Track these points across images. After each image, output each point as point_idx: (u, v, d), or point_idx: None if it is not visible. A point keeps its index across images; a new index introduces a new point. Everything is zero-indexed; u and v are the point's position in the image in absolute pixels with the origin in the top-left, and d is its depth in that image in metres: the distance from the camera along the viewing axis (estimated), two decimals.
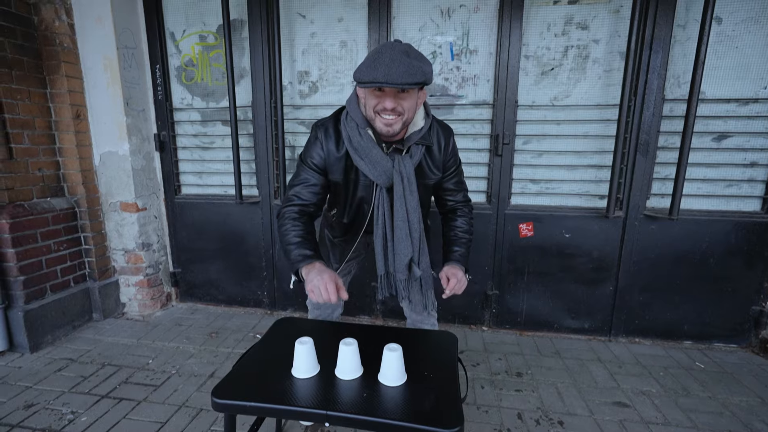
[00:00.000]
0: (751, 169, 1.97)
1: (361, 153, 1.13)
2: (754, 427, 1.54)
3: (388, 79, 0.95)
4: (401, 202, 1.15)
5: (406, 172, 1.13)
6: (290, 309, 2.51)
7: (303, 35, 2.18)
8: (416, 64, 0.98)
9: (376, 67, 0.97)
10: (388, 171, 1.13)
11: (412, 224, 1.18)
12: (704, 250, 2.03)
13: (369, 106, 1.07)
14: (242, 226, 2.43)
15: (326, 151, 1.17)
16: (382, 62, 0.96)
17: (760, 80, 1.88)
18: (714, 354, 2.07)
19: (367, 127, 1.12)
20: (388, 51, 0.98)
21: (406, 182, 1.14)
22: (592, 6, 1.92)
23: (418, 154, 1.16)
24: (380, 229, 1.19)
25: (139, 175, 2.33)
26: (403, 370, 1.00)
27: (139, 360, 1.98)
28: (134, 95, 2.27)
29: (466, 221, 1.31)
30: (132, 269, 2.43)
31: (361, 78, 1.00)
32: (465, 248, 1.27)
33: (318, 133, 1.18)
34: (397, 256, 1.19)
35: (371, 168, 1.13)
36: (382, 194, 1.17)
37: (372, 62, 0.98)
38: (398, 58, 0.96)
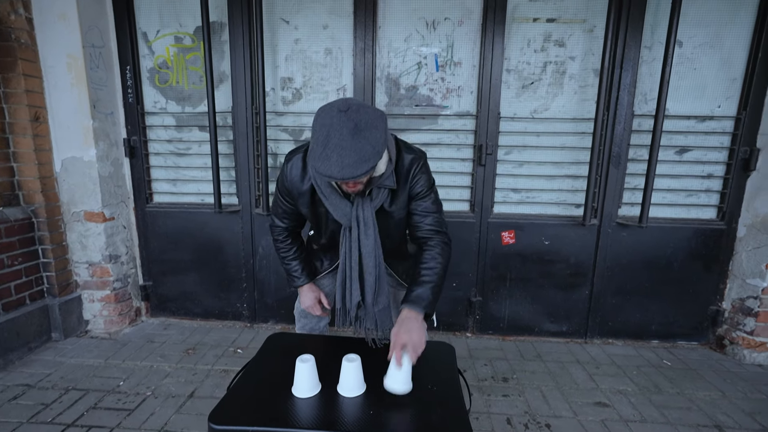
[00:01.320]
0: (708, 181, 2.14)
1: (325, 192, 1.13)
2: (718, 420, 1.66)
3: (344, 176, 0.91)
4: (355, 245, 1.16)
5: (363, 216, 1.13)
6: (271, 321, 2.43)
7: (286, 41, 2.13)
8: (366, 146, 0.90)
9: (329, 160, 0.90)
10: (348, 214, 1.14)
11: (366, 267, 1.19)
12: (669, 255, 2.19)
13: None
14: (221, 235, 2.33)
15: (291, 184, 1.17)
16: (333, 158, 0.90)
17: (715, 99, 2.06)
18: (678, 351, 2.22)
19: None
20: (335, 141, 0.90)
21: (362, 226, 1.14)
22: (569, 25, 2.03)
23: (379, 197, 1.13)
24: (342, 264, 1.22)
25: (106, 182, 2.18)
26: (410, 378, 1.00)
27: (108, 382, 1.83)
28: (102, 97, 2.12)
29: (435, 254, 1.15)
30: (97, 283, 2.26)
31: (317, 169, 0.93)
32: (427, 287, 1.12)
33: (285, 166, 1.18)
34: (348, 296, 1.24)
35: (332, 208, 1.15)
36: (346, 233, 1.18)
37: (323, 151, 0.91)
38: (348, 145, 0.89)
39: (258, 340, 2.24)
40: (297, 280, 1.38)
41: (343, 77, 2.15)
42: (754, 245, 2.06)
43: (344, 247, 1.20)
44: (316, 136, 0.94)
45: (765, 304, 2.03)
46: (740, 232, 2.13)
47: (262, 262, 2.34)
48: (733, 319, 2.17)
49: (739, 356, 2.13)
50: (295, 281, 1.38)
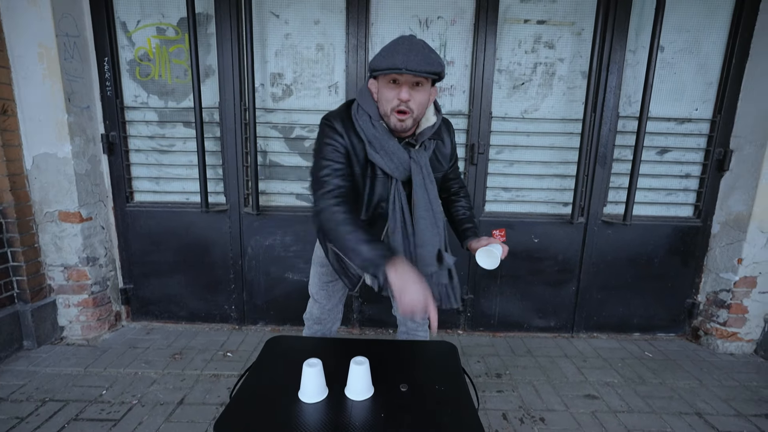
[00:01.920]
0: (686, 180, 2.25)
1: (376, 145, 1.09)
2: (698, 407, 1.75)
3: (407, 65, 0.96)
4: (423, 191, 1.12)
5: (424, 162, 1.13)
6: (261, 323, 2.37)
7: (276, 35, 2.08)
8: (434, 56, 1.00)
9: (395, 55, 0.98)
10: (405, 162, 1.11)
11: (436, 213, 1.16)
12: (650, 251, 2.28)
13: (386, 100, 1.05)
14: (207, 235, 2.25)
15: (347, 139, 1.09)
16: (400, 51, 0.98)
17: (693, 103, 2.16)
18: (658, 343, 2.33)
19: (380, 120, 1.10)
20: (406, 41, 1.00)
21: (425, 171, 1.12)
22: (558, 27, 2.07)
23: (431, 148, 1.17)
24: (399, 223, 1.14)
25: (83, 180, 2.06)
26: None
27: (89, 392, 1.74)
28: (77, 90, 2.00)
29: (467, 201, 1.38)
30: (74, 287, 2.14)
31: (378, 65, 1.01)
32: (474, 225, 1.33)
33: (334, 123, 1.10)
34: (425, 248, 1.14)
35: (387, 160, 1.10)
36: (398, 188, 1.13)
37: (390, 51, 1.00)
38: (416, 48, 0.98)
39: (248, 343, 2.19)
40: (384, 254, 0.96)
41: (336, 74, 2.11)
42: (727, 241, 2.18)
43: (399, 203, 1.12)
44: (382, 50, 1.02)
45: (737, 297, 2.15)
46: (714, 228, 2.25)
47: (252, 262, 2.28)
48: (707, 311, 2.30)
49: (713, 346, 2.25)
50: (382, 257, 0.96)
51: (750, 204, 2.05)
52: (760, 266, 2.11)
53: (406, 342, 1.33)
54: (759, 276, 2.12)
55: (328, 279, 1.38)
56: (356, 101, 1.14)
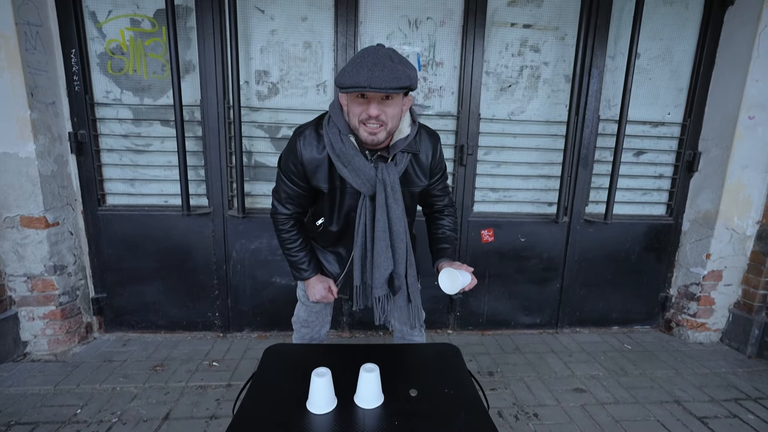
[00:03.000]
0: (659, 180, 2.38)
1: (344, 160, 1.08)
2: (676, 395, 1.86)
3: (371, 83, 0.92)
4: (383, 210, 1.11)
5: (390, 180, 1.09)
6: (247, 329, 2.29)
7: (262, 31, 2.00)
8: (400, 68, 0.94)
9: (359, 72, 0.93)
10: (371, 179, 1.09)
11: (396, 234, 1.15)
12: (627, 248, 2.39)
13: (353, 114, 1.02)
14: (189, 240, 2.14)
15: (305, 159, 1.10)
16: (365, 66, 0.93)
17: (666, 107, 2.28)
18: (635, 335, 2.45)
19: (349, 134, 1.08)
20: (371, 55, 0.95)
21: (390, 190, 1.10)
22: (543, 32, 2.12)
23: (403, 161, 1.13)
24: (360, 238, 1.16)
25: (48, 182, 1.90)
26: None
27: (61, 411, 1.61)
28: (42, 84, 1.84)
29: (452, 221, 1.32)
30: (39, 299, 1.97)
31: (343, 83, 0.96)
32: (453, 246, 1.29)
33: (297, 141, 1.11)
34: (376, 270, 1.16)
35: (354, 176, 1.09)
36: (366, 203, 1.13)
37: (354, 67, 0.94)
38: (382, 63, 0.93)
39: (234, 351, 2.10)
40: (305, 272, 1.27)
41: (324, 72, 2.07)
42: (696, 238, 2.32)
43: (363, 218, 1.14)
44: (347, 65, 0.98)
45: (705, 290, 2.30)
46: (685, 226, 2.39)
47: (237, 267, 2.19)
48: (679, 303, 2.44)
49: (684, 336, 2.40)
50: (303, 273, 1.27)
51: (717, 203, 2.20)
52: (725, 260, 2.26)
53: (408, 345, 1.31)
54: (724, 270, 2.27)
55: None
56: (328, 114, 1.12)
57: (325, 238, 1.29)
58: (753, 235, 2.23)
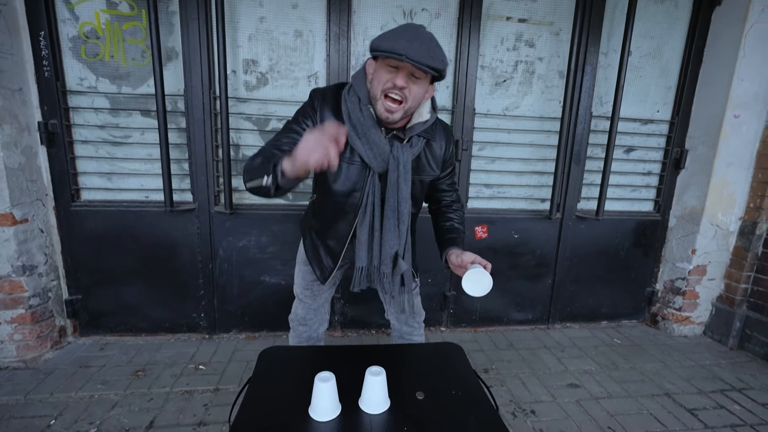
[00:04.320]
0: (648, 177, 2.41)
1: (359, 131, 1.04)
2: (666, 388, 1.89)
3: (408, 53, 0.91)
4: (394, 189, 1.08)
5: (403, 159, 1.07)
6: (234, 330, 2.20)
7: (250, 18, 1.90)
8: (438, 51, 0.95)
9: (397, 40, 0.92)
10: (385, 155, 1.06)
11: (402, 215, 1.11)
12: (617, 244, 2.43)
13: (379, 81, 0.99)
14: (172, 237, 2.03)
15: (320, 118, 1.06)
16: (404, 36, 0.92)
17: (655, 105, 2.31)
18: (623, 330, 2.49)
19: (369, 104, 1.04)
20: (411, 28, 0.95)
21: (402, 169, 1.07)
22: (537, 26, 2.11)
23: (418, 145, 1.11)
24: (368, 216, 1.12)
25: (15, 175, 1.75)
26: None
27: (33, 423, 1.49)
28: (6, 68, 1.69)
29: (460, 216, 1.29)
30: (6, 301, 1.83)
31: (378, 45, 0.95)
32: (461, 238, 1.24)
33: (315, 99, 1.08)
34: (384, 248, 1.13)
35: (367, 149, 1.05)
36: (374, 180, 1.09)
37: (394, 34, 0.94)
38: (421, 38, 0.93)
39: (221, 353, 2.01)
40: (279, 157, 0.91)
41: (315, 63, 1.99)
42: (682, 233, 2.37)
43: (371, 196, 1.09)
44: (387, 32, 0.96)
45: (690, 284, 2.36)
46: (671, 222, 2.44)
47: (223, 265, 2.10)
48: (664, 298, 2.50)
49: (669, 330, 2.45)
50: (277, 158, 0.91)
51: (703, 199, 2.25)
52: (709, 255, 2.32)
53: (409, 346, 1.27)
54: (708, 264, 2.34)
55: (312, 278, 1.31)
56: (350, 82, 1.09)
57: (325, 216, 1.21)
58: (736, 231, 2.30)
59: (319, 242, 1.25)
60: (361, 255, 1.16)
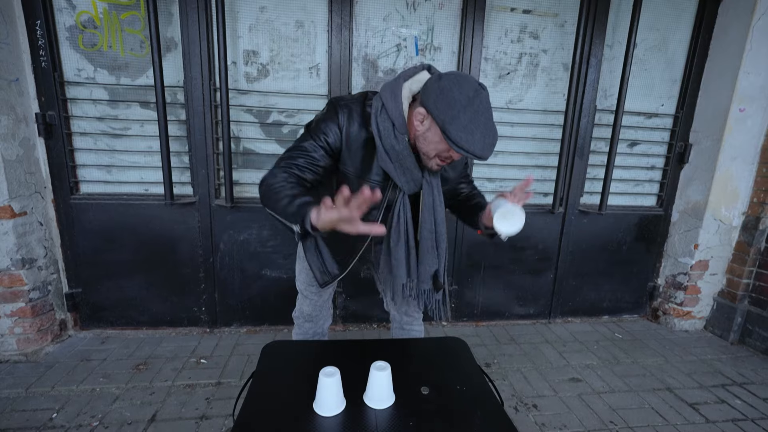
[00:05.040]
0: (651, 172, 2.40)
1: (392, 156, 1.02)
2: (667, 382, 1.89)
3: (484, 155, 0.91)
4: (430, 213, 1.11)
5: (436, 182, 1.10)
6: (235, 324, 2.19)
7: (250, 8, 1.87)
8: (496, 132, 0.94)
9: (473, 134, 0.88)
10: (418, 181, 1.07)
11: (439, 235, 1.15)
12: (619, 239, 2.42)
13: (433, 146, 0.97)
14: (172, 231, 2.01)
15: (346, 134, 1.01)
16: (478, 128, 0.88)
17: (659, 98, 2.29)
18: (624, 324, 2.49)
19: (405, 134, 1.00)
20: (484, 112, 0.90)
21: (436, 192, 1.10)
22: (542, 18, 2.07)
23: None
24: (402, 236, 1.12)
25: (13, 168, 1.73)
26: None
27: (35, 416, 1.49)
28: (2, 58, 1.66)
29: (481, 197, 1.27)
30: (5, 295, 1.82)
31: (455, 138, 0.88)
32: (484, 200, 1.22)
33: (340, 112, 1.00)
34: (422, 267, 1.16)
35: (399, 173, 1.05)
36: (405, 201, 1.10)
37: (470, 124, 0.88)
38: (491, 128, 0.91)
39: (222, 347, 2.01)
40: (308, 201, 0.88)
41: (317, 54, 1.96)
42: (685, 228, 2.36)
43: (403, 217, 1.10)
44: (454, 101, 0.88)
45: (692, 279, 2.35)
46: (674, 217, 2.43)
47: (224, 259, 2.08)
48: (666, 293, 2.49)
49: (670, 324, 2.46)
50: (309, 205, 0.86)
51: (706, 194, 2.24)
52: (712, 250, 2.31)
53: (413, 340, 1.27)
54: (711, 259, 2.33)
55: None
56: (380, 98, 1.01)
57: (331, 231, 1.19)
58: (739, 226, 2.29)
59: (326, 250, 1.23)
60: (400, 273, 1.16)
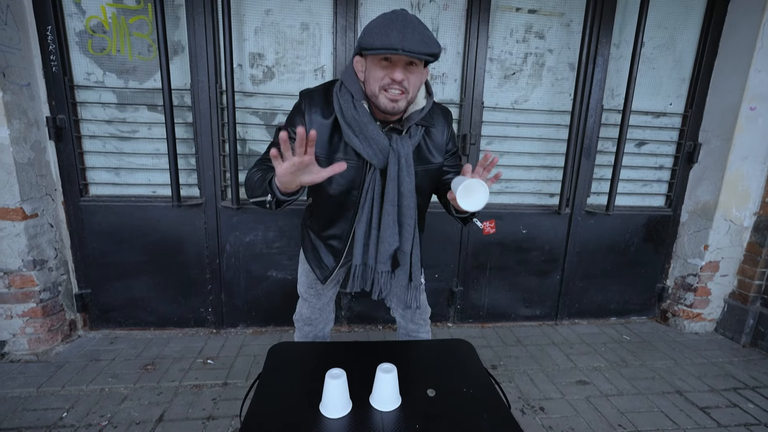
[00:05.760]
0: (660, 171, 2.37)
1: (355, 128, 1.01)
2: (677, 385, 1.87)
3: (404, 46, 0.87)
4: (394, 183, 1.04)
5: (404, 151, 1.03)
6: (241, 325, 2.21)
7: (256, 11, 1.88)
8: (429, 34, 0.92)
9: (389, 33, 0.88)
10: (384, 149, 1.02)
11: (405, 209, 1.07)
12: (627, 240, 2.39)
13: (374, 79, 0.96)
14: (179, 232, 2.03)
15: (309, 119, 1.03)
16: (394, 27, 0.88)
17: (668, 97, 2.26)
18: (632, 326, 2.46)
19: (363, 100, 1.01)
20: (399, 17, 0.90)
21: (403, 162, 1.03)
22: (548, 18, 2.06)
23: (417, 135, 1.07)
24: (366, 213, 1.08)
25: (25, 170, 1.76)
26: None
27: (46, 415, 1.51)
28: (14, 64, 1.69)
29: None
30: (17, 295, 1.85)
31: (370, 43, 0.90)
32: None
33: (302, 101, 1.06)
34: (381, 245, 1.09)
35: (365, 145, 1.02)
36: (375, 176, 1.06)
37: (383, 28, 0.89)
38: (412, 26, 0.89)
39: (229, 348, 2.02)
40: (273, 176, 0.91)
41: (322, 56, 1.97)
42: (694, 229, 2.33)
43: (371, 192, 1.06)
44: (373, 27, 0.91)
45: (702, 281, 2.32)
46: (683, 217, 2.40)
47: (231, 260, 2.10)
48: (675, 294, 2.46)
49: (680, 327, 2.42)
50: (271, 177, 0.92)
51: (716, 194, 2.20)
52: (722, 251, 2.28)
53: (419, 342, 1.26)
54: (721, 261, 2.29)
55: (314, 277, 1.28)
56: (340, 80, 1.06)
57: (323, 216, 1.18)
58: (750, 226, 2.25)
59: (319, 242, 1.22)
60: (357, 253, 1.12)
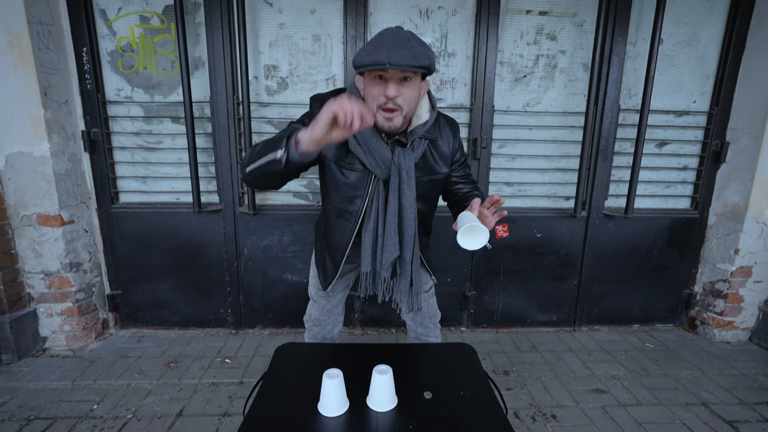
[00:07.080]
0: (684, 172, 2.27)
1: (359, 139, 1.05)
2: (703, 397, 1.77)
3: (391, 60, 0.90)
4: (395, 195, 1.08)
5: (406, 165, 1.06)
6: (259, 326, 2.29)
7: (270, 25, 1.97)
8: (420, 48, 0.94)
9: (378, 50, 0.92)
10: (387, 162, 1.06)
11: (406, 219, 1.10)
12: (649, 243, 2.30)
13: (371, 98, 1.00)
14: (200, 237, 2.14)
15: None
16: (384, 46, 0.92)
17: (690, 95, 2.17)
18: (657, 334, 2.36)
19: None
20: (390, 34, 0.95)
21: (404, 175, 1.06)
22: (560, 18, 2.04)
23: (421, 148, 1.10)
24: (372, 222, 1.12)
25: (63, 180, 1.92)
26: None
27: (79, 407, 1.63)
28: (54, 83, 1.85)
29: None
30: (56, 295, 2.00)
31: (361, 62, 0.94)
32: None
33: (314, 105, 1.10)
34: (384, 253, 1.13)
35: (368, 157, 1.06)
36: (379, 186, 1.10)
37: (373, 46, 0.93)
38: (402, 42, 0.92)
39: (246, 348, 2.10)
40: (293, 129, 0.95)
41: (333, 66, 2.03)
42: (723, 232, 2.21)
43: (376, 203, 1.10)
44: (366, 45, 0.96)
45: (733, 287, 2.19)
46: (711, 220, 2.28)
47: (248, 263, 2.19)
48: (704, 301, 2.34)
49: (709, 335, 2.29)
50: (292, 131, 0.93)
51: (746, 195, 2.08)
52: (755, 256, 2.15)
53: (422, 345, 1.28)
54: (754, 266, 2.16)
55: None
56: (348, 91, 1.10)
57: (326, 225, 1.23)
58: None
59: (326, 248, 1.27)
60: (366, 261, 1.15)
